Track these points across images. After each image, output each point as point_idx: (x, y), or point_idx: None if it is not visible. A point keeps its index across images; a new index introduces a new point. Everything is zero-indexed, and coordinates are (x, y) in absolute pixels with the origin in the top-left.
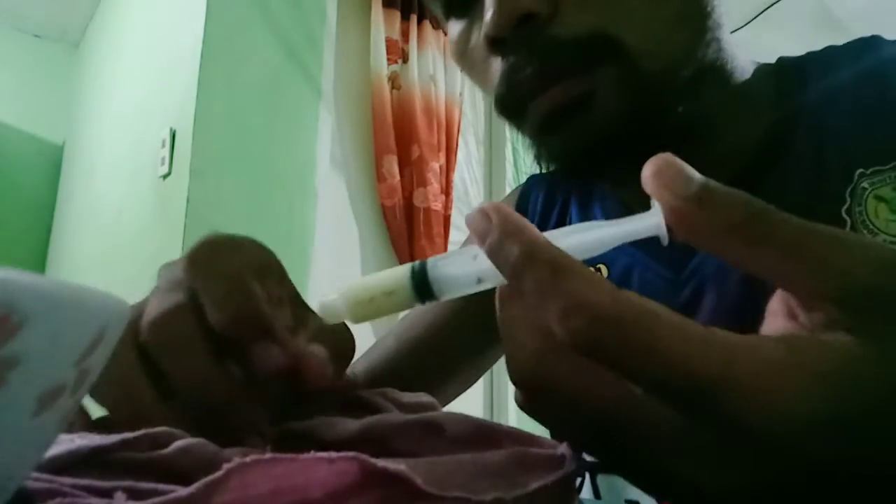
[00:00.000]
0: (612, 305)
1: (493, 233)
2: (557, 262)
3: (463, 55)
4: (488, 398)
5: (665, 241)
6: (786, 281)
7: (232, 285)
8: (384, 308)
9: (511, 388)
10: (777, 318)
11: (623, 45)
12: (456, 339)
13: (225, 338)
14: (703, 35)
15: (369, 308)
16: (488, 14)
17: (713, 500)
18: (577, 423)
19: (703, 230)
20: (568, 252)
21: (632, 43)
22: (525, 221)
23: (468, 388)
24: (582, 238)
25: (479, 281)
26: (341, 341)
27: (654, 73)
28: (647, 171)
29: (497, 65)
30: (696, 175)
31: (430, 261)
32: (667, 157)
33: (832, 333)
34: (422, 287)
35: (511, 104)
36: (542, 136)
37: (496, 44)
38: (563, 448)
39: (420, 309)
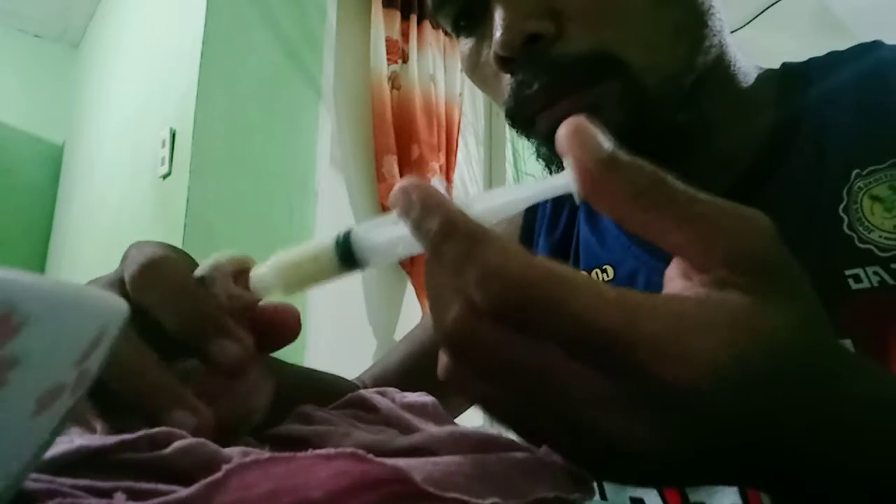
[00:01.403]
0: (523, 271)
1: (413, 209)
2: (473, 234)
3: (474, 70)
4: None
5: (578, 199)
6: (680, 248)
7: (179, 293)
8: (311, 275)
9: None
10: (674, 282)
11: (624, 61)
12: None
13: (178, 344)
14: (701, 43)
15: (296, 275)
16: (497, 34)
17: (639, 461)
18: (501, 393)
19: (608, 193)
20: (484, 214)
21: (633, 59)
22: (443, 197)
23: None
24: (497, 202)
25: (401, 248)
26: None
27: (655, 85)
28: (562, 132)
29: (507, 80)
30: (608, 142)
31: (355, 227)
32: (581, 120)
33: (725, 292)
34: (346, 253)
35: (520, 117)
36: (551, 147)
37: (505, 62)
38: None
39: (429, 317)
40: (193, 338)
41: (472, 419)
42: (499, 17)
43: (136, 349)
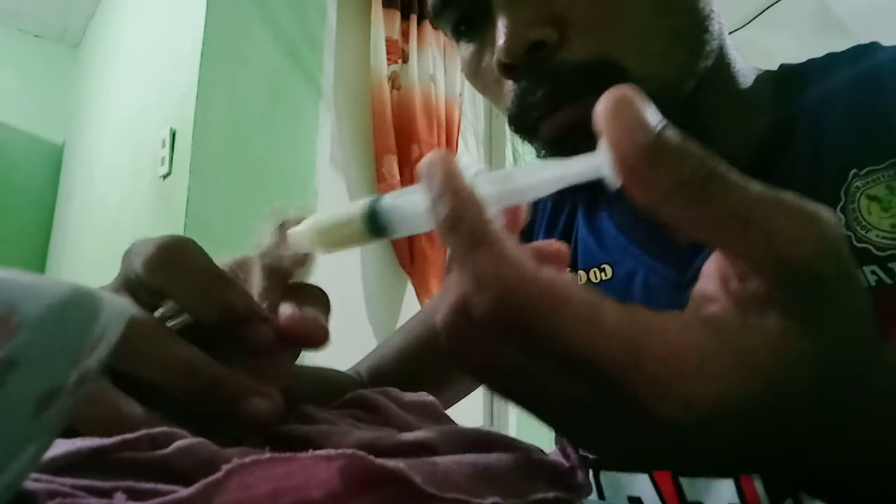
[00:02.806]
0: (518, 285)
1: (433, 186)
2: (475, 232)
3: (475, 75)
4: (488, 406)
5: (613, 184)
6: (727, 246)
7: (209, 276)
8: (342, 239)
9: None
10: (710, 281)
11: (625, 69)
12: None
13: (203, 333)
14: (702, 48)
15: (330, 238)
16: (500, 41)
17: (625, 462)
18: (492, 379)
19: (650, 183)
20: (507, 196)
21: (633, 66)
22: (460, 182)
23: (476, 386)
24: (521, 182)
25: (426, 220)
26: (319, 294)
27: (655, 92)
28: (602, 106)
29: (509, 86)
30: (655, 119)
31: (386, 196)
32: (624, 93)
33: (762, 314)
34: (373, 221)
35: (523, 123)
36: (553, 153)
37: (508, 69)
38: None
39: (427, 307)
40: (222, 320)
41: (473, 419)
42: (502, 24)
43: (176, 346)
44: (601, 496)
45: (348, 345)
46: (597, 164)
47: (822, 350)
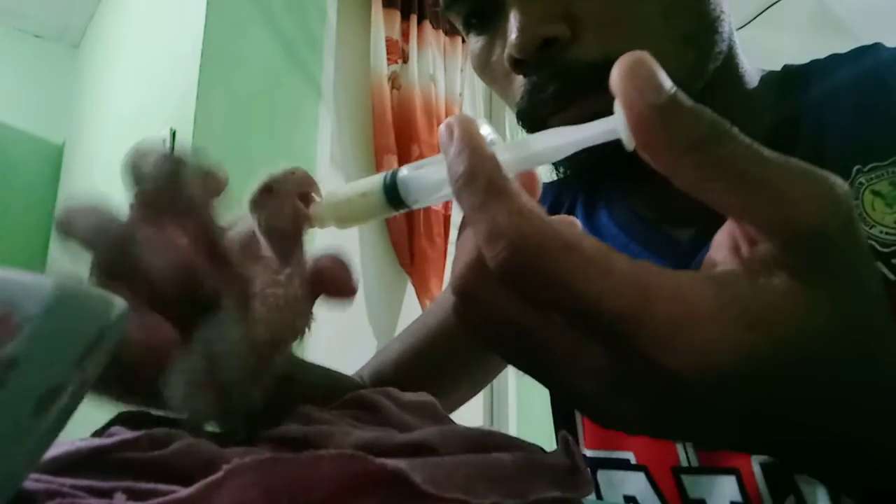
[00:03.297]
0: (531, 235)
1: (451, 146)
2: (492, 186)
3: (484, 69)
4: (488, 406)
5: (629, 146)
6: (732, 212)
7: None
8: (361, 211)
9: (511, 395)
10: (720, 249)
11: None
12: (461, 340)
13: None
14: (711, 49)
15: (348, 210)
16: (512, 36)
17: (625, 426)
18: (503, 342)
19: (665, 142)
20: (523, 162)
21: None
22: (478, 140)
23: (478, 390)
24: (537, 147)
25: (445, 189)
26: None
27: None
28: (617, 70)
29: (519, 82)
30: (668, 82)
31: (404, 167)
32: (641, 55)
33: (771, 275)
34: (392, 192)
35: (532, 119)
36: None
37: (519, 64)
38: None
39: (428, 310)
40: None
41: (473, 419)
42: (514, 19)
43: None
44: (598, 495)
45: (348, 345)
46: (611, 126)
47: (830, 313)
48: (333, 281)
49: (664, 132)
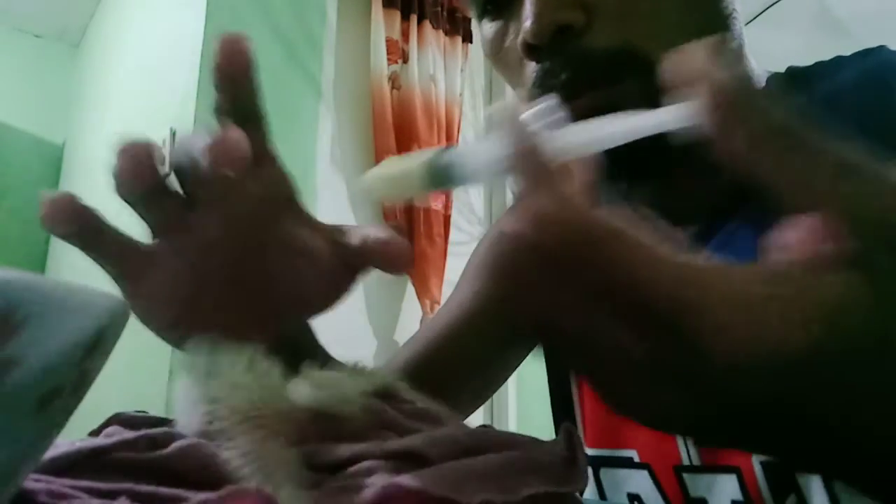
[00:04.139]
0: (580, 223)
1: (504, 131)
2: (540, 174)
3: (497, 54)
4: (488, 406)
5: (700, 127)
6: (803, 195)
7: None
8: (404, 186)
9: (511, 394)
10: (778, 251)
11: (648, 60)
12: (481, 333)
13: None
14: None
15: (393, 185)
16: (527, 22)
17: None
18: (545, 326)
19: (744, 128)
20: (586, 145)
21: (657, 59)
22: (526, 126)
23: (499, 385)
24: (593, 134)
25: (489, 170)
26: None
27: None
28: (692, 59)
29: (531, 68)
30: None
31: (452, 148)
32: (707, 44)
33: (831, 269)
34: (435, 170)
35: None
36: None
37: (533, 50)
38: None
39: (427, 323)
40: None
41: (473, 417)
42: (530, 4)
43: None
44: (601, 494)
45: (348, 344)
46: (682, 113)
47: (886, 308)
48: (387, 251)
49: (746, 117)
